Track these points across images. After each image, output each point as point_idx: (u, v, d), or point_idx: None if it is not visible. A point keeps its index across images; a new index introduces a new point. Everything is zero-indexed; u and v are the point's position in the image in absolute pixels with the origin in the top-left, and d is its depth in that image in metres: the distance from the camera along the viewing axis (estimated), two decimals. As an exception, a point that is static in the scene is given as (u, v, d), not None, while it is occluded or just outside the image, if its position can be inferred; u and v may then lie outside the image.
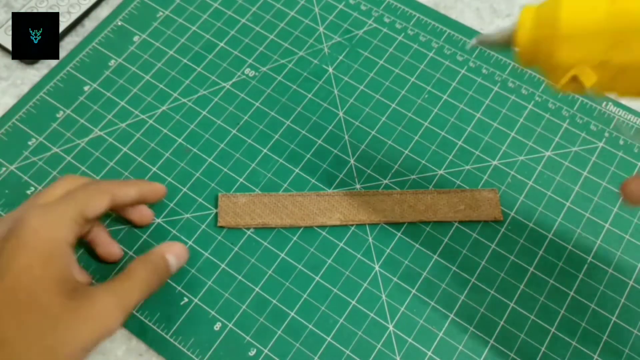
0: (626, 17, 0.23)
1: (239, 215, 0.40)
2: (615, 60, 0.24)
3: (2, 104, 0.46)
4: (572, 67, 0.24)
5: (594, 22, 0.24)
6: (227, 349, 0.37)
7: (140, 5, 0.50)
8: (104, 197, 0.35)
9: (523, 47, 0.26)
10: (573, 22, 0.24)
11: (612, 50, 0.24)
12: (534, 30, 0.25)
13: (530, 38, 0.26)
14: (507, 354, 0.37)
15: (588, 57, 0.24)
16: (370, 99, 0.45)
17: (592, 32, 0.24)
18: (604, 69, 0.24)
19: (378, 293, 0.39)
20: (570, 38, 0.24)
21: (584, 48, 0.24)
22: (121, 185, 0.37)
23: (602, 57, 0.24)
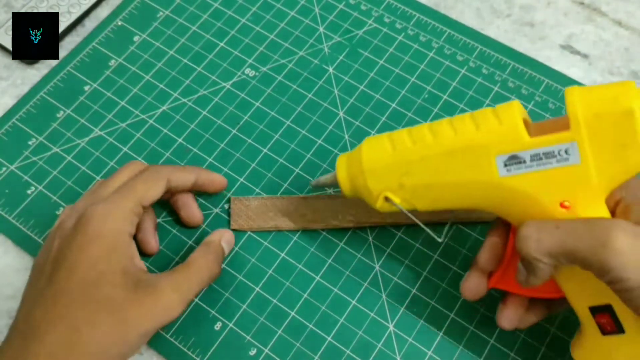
0: (403, 156, 0.32)
1: (251, 219, 0.40)
2: (407, 183, 0.32)
3: (2, 104, 0.46)
4: (381, 192, 0.33)
5: (385, 161, 0.32)
6: (228, 348, 0.37)
7: (140, 5, 0.50)
8: (160, 184, 0.36)
9: (343, 184, 0.35)
10: (371, 163, 0.33)
11: (403, 177, 0.32)
12: (348, 170, 0.34)
13: (346, 176, 0.34)
14: (507, 353, 0.37)
15: (389, 184, 0.32)
16: (370, 99, 0.45)
17: (385, 167, 0.32)
18: (403, 191, 0.32)
19: (378, 293, 0.39)
20: (372, 173, 0.33)
21: (384, 178, 0.32)
22: (179, 171, 0.38)
23: (398, 182, 0.32)
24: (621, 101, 0.27)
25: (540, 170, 0.29)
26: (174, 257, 0.40)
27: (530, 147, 0.29)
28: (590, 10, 0.49)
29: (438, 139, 0.31)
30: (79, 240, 0.32)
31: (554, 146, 0.28)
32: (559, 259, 0.28)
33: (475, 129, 0.30)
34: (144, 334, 0.32)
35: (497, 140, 0.29)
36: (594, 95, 0.28)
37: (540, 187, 0.29)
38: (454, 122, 0.31)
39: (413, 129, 0.32)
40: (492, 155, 0.29)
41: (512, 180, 0.29)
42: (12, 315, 0.39)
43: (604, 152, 0.28)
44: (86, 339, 0.31)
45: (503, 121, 0.29)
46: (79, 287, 0.31)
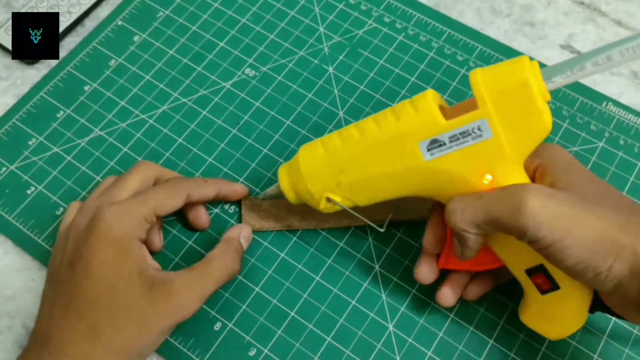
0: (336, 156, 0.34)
1: (263, 218, 0.40)
2: (343, 181, 0.34)
3: (2, 104, 0.46)
4: (322, 193, 0.35)
5: (321, 163, 0.34)
6: (227, 348, 0.37)
7: (140, 5, 0.50)
8: (178, 199, 0.36)
9: (287, 192, 0.37)
10: (308, 167, 0.35)
11: (339, 176, 0.34)
12: (289, 178, 0.36)
13: (288, 184, 0.36)
14: (507, 354, 0.37)
15: (327, 185, 0.35)
16: (370, 99, 0.45)
17: (321, 169, 0.34)
18: (341, 189, 0.34)
19: (378, 293, 0.39)
20: (310, 176, 0.35)
21: (322, 180, 0.35)
22: (200, 186, 0.38)
23: (336, 182, 0.34)
24: (517, 74, 0.29)
25: (460, 149, 0.31)
26: (174, 257, 0.40)
27: (447, 130, 0.31)
28: (591, 10, 0.49)
29: (364, 135, 0.33)
30: (92, 241, 0.33)
31: (468, 125, 0.31)
32: (483, 227, 0.30)
33: (396, 121, 0.32)
34: (162, 331, 0.33)
35: (416, 128, 0.32)
36: (494, 73, 0.30)
37: (463, 165, 0.31)
38: (377, 118, 0.33)
39: (342, 130, 0.34)
40: (415, 142, 0.32)
41: (437, 162, 0.32)
42: (12, 315, 0.39)
43: (512, 124, 0.30)
44: (107, 338, 0.32)
45: (419, 109, 0.32)
46: (96, 288, 0.32)
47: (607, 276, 0.28)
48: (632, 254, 0.27)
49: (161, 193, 0.36)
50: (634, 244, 0.28)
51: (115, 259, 0.32)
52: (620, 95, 0.46)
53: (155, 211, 0.35)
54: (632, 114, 0.44)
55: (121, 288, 0.32)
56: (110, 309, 0.32)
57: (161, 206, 0.35)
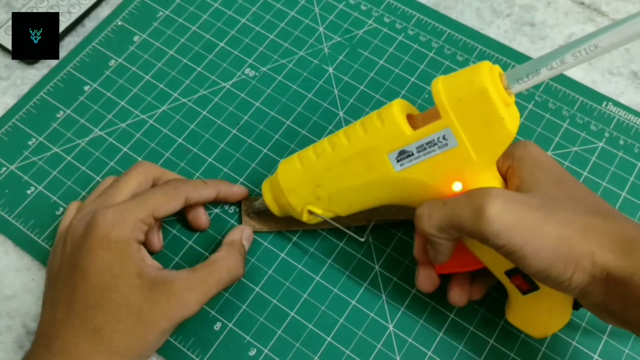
0: (311, 171, 0.35)
1: (263, 219, 0.40)
2: (321, 194, 0.35)
3: (2, 104, 0.46)
4: (304, 206, 0.36)
5: (298, 178, 0.35)
6: (227, 348, 0.37)
7: (140, 5, 0.50)
8: (176, 202, 0.36)
9: (271, 205, 0.38)
10: (287, 183, 0.36)
11: (316, 190, 0.35)
12: (272, 193, 0.37)
13: (271, 198, 0.37)
14: (507, 354, 0.37)
15: (307, 198, 0.36)
16: (370, 99, 0.45)
17: (300, 184, 0.35)
18: (321, 201, 0.35)
19: (378, 293, 0.39)
20: (290, 191, 0.36)
21: (301, 194, 0.36)
22: (198, 189, 0.38)
23: (314, 195, 0.35)
24: (476, 82, 0.29)
25: (428, 158, 0.31)
26: (174, 257, 0.40)
27: (414, 140, 0.31)
28: (591, 10, 0.49)
29: (336, 150, 0.34)
30: (89, 245, 0.33)
31: (433, 135, 0.31)
32: (449, 232, 0.30)
33: (364, 134, 0.33)
34: (163, 331, 0.33)
35: (383, 141, 0.32)
36: (454, 82, 0.30)
37: (432, 174, 0.32)
38: (347, 131, 0.34)
39: (317, 145, 0.35)
40: (384, 154, 0.32)
41: (407, 172, 0.32)
42: (12, 315, 0.39)
43: (475, 131, 0.30)
44: (109, 339, 0.32)
45: (385, 122, 0.32)
46: (96, 291, 0.32)
47: (570, 284, 0.28)
48: (591, 263, 0.27)
49: (160, 195, 0.35)
50: (594, 250, 0.27)
51: (114, 261, 0.32)
52: (620, 95, 0.46)
53: (153, 213, 0.35)
54: (632, 114, 0.44)
55: (121, 289, 0.32)
56: (111, 311, 0.32)
57: (159, 208, 0.35)
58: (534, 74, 0.29)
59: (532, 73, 0.29)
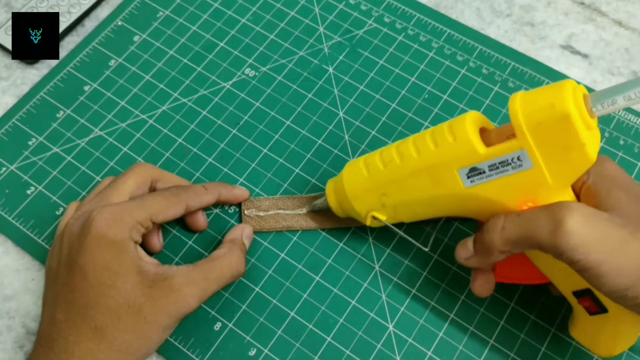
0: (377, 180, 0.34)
1: (263, 219, 0.40)
2: (387, 203, 0.35)
3: (2, 104, 0.46)
4: (368, 212, 0.36)
5: (364, 186, 0.35)
6: (227, 348, 0.37)
7: (140, 5, 0.50)
8: (176, 209, 0.36)
9: (334, 208, 0.38)
10: (352, 189, 0.36)
11: (382, 198, 0.35)
12: (335, 195, 0.37)
13: (335, 201, 0.37)
14: (507, 354, 0.37)
15: (372, 205, 0.35)
16: (370, 99, 0.45)
17: (365, 191, 0.35)
18: (386, 209, 0.35)
19: (378, 293, 0.39)
20: (354, 198, 0.36)
21: (366, 201, 0.35)
22: (198, 195, 0.38)
23: (380, 203, 0.35)
24: (558, 107, 0.27)
25: (500, 177, 0.30)
26: (174, 257, 0.40)
27: (486, 159, 0.30)
28: (591, 10, 0.49)
29: (404, 161, 0.33)
30: (86, 244, 0.33)
31: (507, 155, 0.29)
32: (520, 245, 0.30)
33: (434, 148, 0.32)
34: (164, 328, 0.33)
35: (454, 157, 0.31)
36: (533, 102, 0.28)
37: (503, 193, 0.31)
38: (416, 142, 0.33)
39: (384, 151, 0.35)
40: (454, 170, 0.31)
41: (477, 189, 0.31)
42: (11, 315, 0.39)
43: (553, 155, 0.29)
44: (110, 338, 0.32)
45: (457, 137, 0.31)
46: (95, 289, 0.32)
47: None
48: None
49: (160, 201, 0.35)
50: None
51: (112, 260, 0.32)
52: (620, 95, 0.46)
53: (152, 218, 0.35)
54: (632, 114, 0.44)
55: (120, 287, 0.32)
56: (111, 309, 0.32)
57: (158, 214, 0.35)
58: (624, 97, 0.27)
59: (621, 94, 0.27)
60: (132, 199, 0.36)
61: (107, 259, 0.32)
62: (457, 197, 0.32)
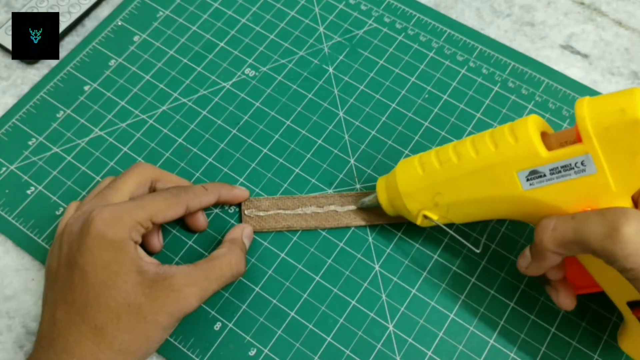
0: (433, 178, 0.34)
1: (263, 219, 0.40)
2: (440, 202, 0.35)
3: (2, 104, 0.46)
4: (420, 211, 0.36)
5: (418, 184, 0.35)
6: (227, 348, 0.37)
7: (140, 5, 0.50)
8: (176, 210, 0.36)
9: (384, 205, 0.38)
10: (406, 187, 0.36)
11: (436, 197, 0.34)
12: (387, 193, 0.37)
13: (386, 198, 0.37)
14: (507, 354, 0.37)
15: (425, 204, 0.35)
16: (370, 99, 0.45)
17: (419, 189, 0.35)
18: (439, 208, 0.35)
19: (378, 293, 0.39)
20: (407, 195, 0.36)
21: (419, 199, 0.35)
22: (198, 196, 0.38)
23: (433, 202, 0.35)
24: (628, 112, 0.27)
25: (561, 182, 0.30)
26: (174, 257, 0.40)
27: (548, 162, 0.30)
28: (591, 10, 0.49)
29: (462, 161, 0.33)
30: (86, 243, 0.33)
31: (571, 159, 0.29)
32: (570, 247, 0.29)
33: (494, 149, 0.32)
34: (164, 328, 0.33)
35: (515, 158, 0.31)
36: (601, 107, 0.28)
37: (563, 197, 0.30)
38: (475, 143, 0.33)
39: (440, 151, 0.34)
40: (514, 171, 0.31)
41: (536, 192, 0.31)
42: (11, 315, 0.39)
43: (618, 161, 0.28)
44: (110, 338, 0.32)
45: (519, 139, 0.31)
46: (96, 289, 0.32)
47: None
48: None
49: (160, 201, 0.35)
50: None
51: (111, 259, 0.32)
52: (620, 95, 0.46)
53: (152, 218, 0.35)
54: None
55: (120, 287, 0.32)
56: (111, 309, 0.32)
57: (158, 214, 0.35)
58: None
59: None
60: (132, 199, 0.36)
61: (107, 259, 0.32)
62: (514, 199, 0.32)
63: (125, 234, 0.33)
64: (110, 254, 0.32)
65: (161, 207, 0.35)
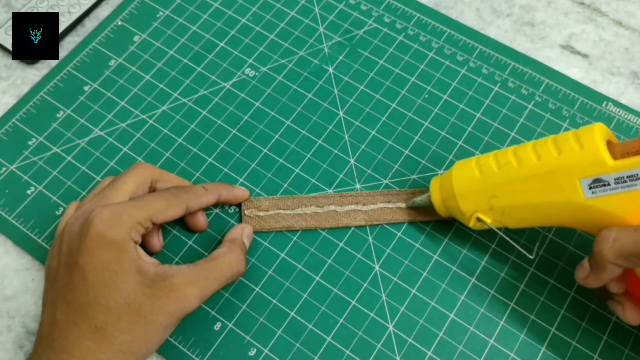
0: (490, 181, 0.34)
1: (263, 219, 0.40)
2: (496, 205, 0.34)
3: (2, 104, 0.46)
4: (473, 213, 0.35)
5: (474, 186, 0.35)
6: (227, 348, 0.37)
7: (140, 5, 0.50)
8: (176, 210, 0.36)
9: (437, 205, 0.38)
10: (461, 187, 0.35)
11: (491, 200, 0.34)
12: (440, 193, 0.37)
13: (439, 199, 0.37)
14: (507, 354, 0.37)
15: (479, 206, 0.35)
16: (370, 99, 0.45)
17: (475, 191, 0.35)
18: (493, 211, 0.35)
19: (378, 293, 0.39)
20: (462, 197, 0.35)
21: (474, 201, 0.35)
22: (198, 197, 0.38)
23: (488, 205, 0.35)
24: None
25: (626, 191, 0.30)
26: (174, 257, 0.40)
27: (614, 171, 0.30)
28: (591, 10, 0.49)
29: (522, 164, 0.33)
30: (86, 243, 0.33)
31: (638, 169, 0.29)
32: (631, 259, 0.29)
33: (557, 154, 0.31)
34: (164, 327, 0.33)
35: (579, 165, 0.31)
36: None
37: (626, 207, 0.30)
38: (537, 147, 0.33)
39: (499, 154, 0.34)
40: (576, 178, 0.31)
41: (598, 201, 0.31)
42: (11, 315, 0.39)
43: None
44: (111, 338, 0.32)
45: (584, 146, 0.31)
46: (96, 289, 0.32)
47: None
48: None
49: (160, 201, 0.35)
50: None
51: (111, 259, 0.32)
52: (620, 95, 0.46)
53: (151, 218, 0.35)
54: (632, 114, 0.44)
55: (120, 287, 0.32)
56: (111, 309, 0.32)
57: (158, 214, 0.35)
58: None
59: None
60: (132, 199, 0.36)
61: (107, 259, 0.32)
62: (574, 206, 0.31)
63: (125, 234, 0.33)
64: (110, 254, 0.32)
65: (161, 207, 0.35)
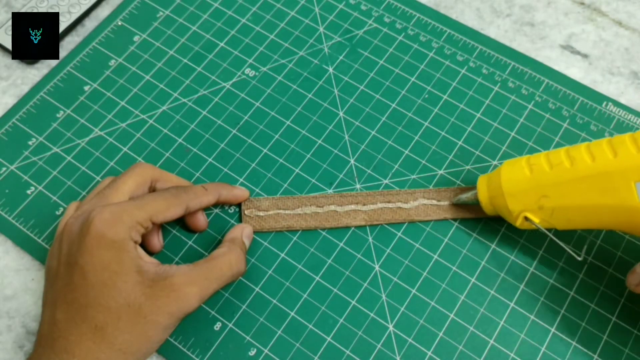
0: (541, 180, 0.34)
1: (263, 219, 0.40)
2: (545, 205, 0.34)
3: (2, 104, 0.46)
4: (521, 212, 0.35)
5: (524, 185, 0.34)
6: (227, 348, 0.37)
7: (140, 5, 0.50)
8: (176, 210, 0.36)
9: (484, 203, 0.38)
10: (510, 186, 0.35)
11: (541, 200, 0.34)
12: (488, 192, 0.37)
13: (487, 196, 0.37)
14: (507, 354, 0.37)
15: (528, 206, 0.35)
16: (370, 99, 0.45)
17: (524, 190, 0.35)
18: (542, 211, 0.34)
19: (378, 293, 0.39)
20: (511, 195, 0.35)
21: (523, 200, 0.35)
22: (198, 197, 0.38)
23: (537, 204, 0.34)
24: None
25: None
26: (174, 257, 0.40)
27: None
28: (591, 10, 0.49)
29: (575, 165, 0.32)
30: (86, 243, 0.32)
31: None
32: None
33: (613, 157, 0.31)
34: (164, 327, 0.33)
35: (636, 168, 0.30)
36: None
37: None
38: (591, 149, 0.32)
39: (550, 154, 0.34)
40: (632, 181, 0.30)
41: None
42: (11, 315, 0.39)
43: None
44: (111, 337, 0.32)
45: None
46: (96, 289, 0.32)
47: None
48: None
49: (160, 201, 0.35)
50: None
51: (111, 259, 0.32)
52: (620, 95, 0.46)
53: (151, 218, 0.35)
54: (632, 114, 0.44)
55: (120, 287, 0.32)
56: (111, 309, 0.32)
57: (158, 214, 0.35)
58: None
59: None
60: (131, 199, 0.36)
61: (107, 259, 0.32)
62: (627, 210, 0.31)
63: (125, 233, 0.33)
64: (110, 254, 0.32)
65: (161, 207, 0.35)
